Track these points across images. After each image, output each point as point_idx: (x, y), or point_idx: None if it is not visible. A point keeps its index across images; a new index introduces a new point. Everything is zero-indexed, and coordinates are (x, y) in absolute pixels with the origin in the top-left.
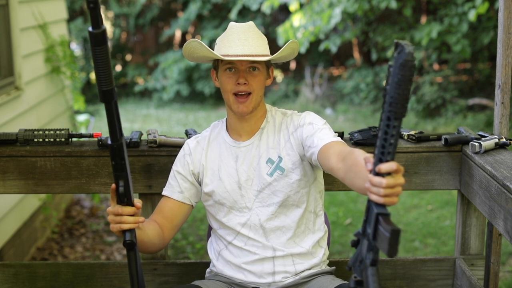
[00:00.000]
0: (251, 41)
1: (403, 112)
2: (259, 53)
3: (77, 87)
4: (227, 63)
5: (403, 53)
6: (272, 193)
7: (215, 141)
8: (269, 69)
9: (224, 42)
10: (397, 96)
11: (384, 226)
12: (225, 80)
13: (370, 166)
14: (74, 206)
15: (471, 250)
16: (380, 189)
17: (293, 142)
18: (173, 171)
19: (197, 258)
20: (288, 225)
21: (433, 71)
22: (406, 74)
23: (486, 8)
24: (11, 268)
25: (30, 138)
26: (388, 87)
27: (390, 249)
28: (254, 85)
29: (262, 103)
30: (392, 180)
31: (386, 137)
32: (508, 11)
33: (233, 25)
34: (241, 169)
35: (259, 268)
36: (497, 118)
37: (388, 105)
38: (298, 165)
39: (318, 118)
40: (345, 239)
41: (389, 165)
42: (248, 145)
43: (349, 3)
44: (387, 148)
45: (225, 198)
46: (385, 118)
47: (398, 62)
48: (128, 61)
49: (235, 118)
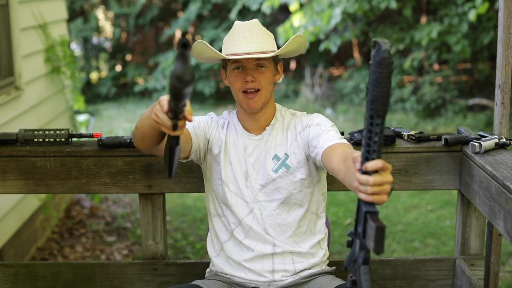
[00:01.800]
0: (256, 38)
1: (385, 109)
2: (264, 49)
3: (77, 87)
4: (234, 62)
5: (380, 51)
6: (275, 189)
7: (230, 125)
8: (277, 65)
9: (230, 41)
10: (377, 94)
11: (371, 223)
12: (233, 79)
13: (358, 165)
14: (74, 206)
15: (471, 250)
16: (367, 187)
17: (300, 141)
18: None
19: (197, 258)
20: (289, 223)
21: (433, 71)
22: (384, 72)
23: (486, 8)
24: (11, 268)
25: (30, 138)
26: (369, 86)
27: (375, 246)
28: (262, 82)
29: (272, 100)
30: (379, 178)
31: (370, 135)
32: (508, 11)
33: (238, 23)
34: (248, 161)
35: (258, 266)
36: (497, 118)
37: (369, 104)
38: (303, 164)
39: (326, 120)
40: (345, 239)
41: (374, 163)
42: (258, 140)
43: (349, 3)
44: (372, 147)
45: (233, 183)
46: (368, 117)
47: (376, 60)
48: (128, 61)
49: (245, 115)
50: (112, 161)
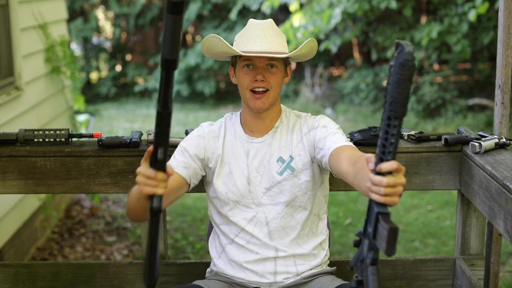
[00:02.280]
0: (269, 38)
1: (404, 111)
2: (277, 50)
3: (77, 87)
4: (245, 60)
5: (403, 52)
6: (280, 192)
7: (228, 133)
8: (287, 67)
9: (243, 39)
10: (397, 95)
11: (383, 224)
12: (242, 76)
13: (371, 166)
14: (74, 206)
15: (471, 250)
16: (380, 188)
17: (306, 143)
18: (182, 147)
19: (197, 258)
20: (293, 226)
21: (433, 71)
22: (406, 74)
23: (486, 8)
24: (11, 268)
25: (30, 138)
26: (388, 87)
27: (388, 247)
28: (272, 82)
29: (278, 101)
30: (393, 179)
31: (387, 136)
32: (508, 11)
33: (252, 22)
34: (251, 165)
35: (260, 268)
36: (497, 118)
37: (388, 105)
38: (308, 167)
39: (332, 122)
40: (345, 239)
41: (389, 164)
42: (261, 142)
43: (349, 3)
44: (388, 148)
45: (233, 192)
46: (385, 118)
47: (398, 62)
48: (128, 61)
49: (250, 115)
50: (112, 161)
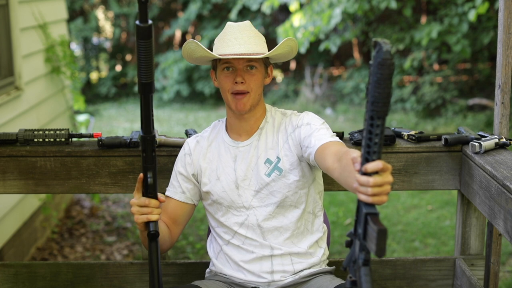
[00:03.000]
0: (247, 39)
1: (386, 110)
2: (255, 51)
3: (77, 87)
4: (224, 63)
5: (381, 52)
6: (270, 193)
7: (214, 141)
8: (268, 67)
9: (221, 42)
10: (377, 95)
11: (372, 226)
12: (223, 79)
13: (357, 166)
14: (74, 206)
15: (471, 250)
16: (367, 189)
17: (291, 143)
18: (175, 171)
19: (197, 258)
20: (286, 225)
21: (433, 71)
22: (385, 73)
23: (486, 8)
24: (11, 268)
25: (30, 138)
26: (369, 87)
27: (377, 249)
28: (252, 84)
29: (261, 102)
30: (380, 179)
31: (371, 136)
32: (508, 11)
33: (229, 24)
34: (239, 168)
35: (257, 267)
36: (497, 118)
37: (370, 105)
38: (296, 166)
39: (316, 118)
40: (345, 239)
41: (375, 164)
42: (246, 145)
43: (349, 3)
44: (373, 148)
45: (223, 198)
46: (368, 118)
47: (377, 61)
48: (128, 61)
49: (234, 118)
50: (112, 161)
